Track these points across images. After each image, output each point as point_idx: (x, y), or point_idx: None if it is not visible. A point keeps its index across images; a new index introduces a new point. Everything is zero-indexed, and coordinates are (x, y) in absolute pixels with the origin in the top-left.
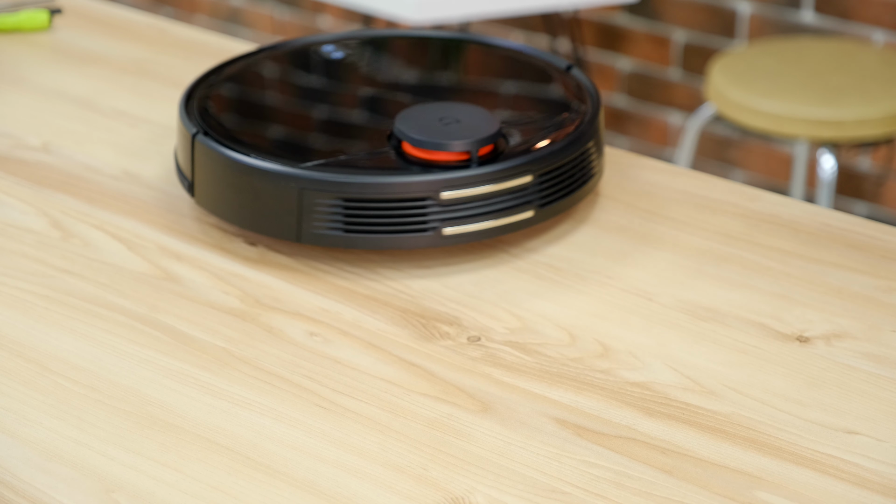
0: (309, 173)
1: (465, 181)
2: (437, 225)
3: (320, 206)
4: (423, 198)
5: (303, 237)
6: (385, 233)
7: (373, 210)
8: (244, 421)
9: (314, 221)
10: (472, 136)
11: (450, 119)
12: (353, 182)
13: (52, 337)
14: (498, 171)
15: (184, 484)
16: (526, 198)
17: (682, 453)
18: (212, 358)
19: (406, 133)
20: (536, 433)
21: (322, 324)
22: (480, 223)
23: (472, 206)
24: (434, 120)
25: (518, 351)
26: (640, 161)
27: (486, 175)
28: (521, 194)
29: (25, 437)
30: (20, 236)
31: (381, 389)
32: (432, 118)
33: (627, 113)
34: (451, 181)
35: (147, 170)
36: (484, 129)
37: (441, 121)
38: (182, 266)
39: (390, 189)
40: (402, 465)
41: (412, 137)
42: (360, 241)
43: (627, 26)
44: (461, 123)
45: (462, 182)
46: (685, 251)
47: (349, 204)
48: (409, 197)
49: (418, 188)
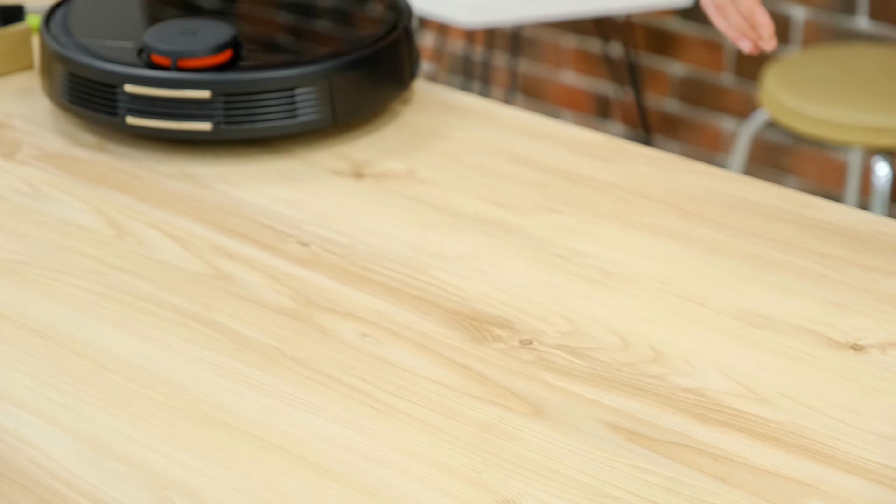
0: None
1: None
2: (123, 113)
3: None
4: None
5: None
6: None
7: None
8: (296, 420)
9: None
10: (189, 46)
11: (189, 31)
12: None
13: (107, 334)
14: (174, 79)
15: (236, 482)
16: (206, 111)
17: (735, 460)
18: (264, 357)
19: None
20: (588, 438)
21: (374, 325)
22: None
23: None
24: (177, 32)
25: (570, 355)
26: (693, 166)
27: (163, 79)
28: (198, 106)
29: (80, 433)
30: (75, 234)
31: (432, 391)
32: (177, 30)
33: (679, 118)
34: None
35: (201, 169)
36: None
37: (182, 33)
38: (235, 265)
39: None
40: (454, 468)
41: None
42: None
43: (680, 31)
44: (195, 36)
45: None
46: (738, 257)
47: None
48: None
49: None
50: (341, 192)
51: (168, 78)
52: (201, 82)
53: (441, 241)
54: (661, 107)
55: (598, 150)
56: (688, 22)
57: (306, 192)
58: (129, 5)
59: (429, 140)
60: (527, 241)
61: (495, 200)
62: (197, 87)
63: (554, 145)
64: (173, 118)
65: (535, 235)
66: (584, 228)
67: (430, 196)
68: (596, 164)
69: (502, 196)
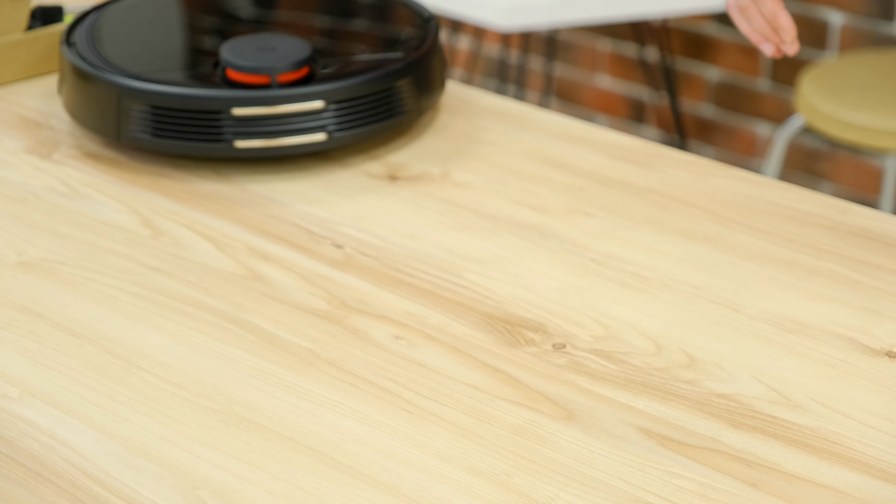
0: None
1: (258, 100)
2: (230, 137)
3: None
4: (218, 111)
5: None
6: (185, 139)
7: (177, 118)
8: (329, 422)
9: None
10: (282, 62)
11: (267, 47)
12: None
13: (141, 334)
14: (292, 95)
15: (268, 483)
16: (319, 122)
17: (768, 466)
18: (297, 359)
19: (228, 60)
20: (620, 442)
21: (407, 327)
22: (272, 139)
23: (264, 124)
24: (254, 48)
25: (603, 359)
26: (728, 171)
27: (280, 97)
28: (314, 118)
29: (113, 433)
30: (111, 233)
31: (465, 394)
32: (253, 47)
33: (714, 123)
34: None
35: (236, 171)
36: (293, 56)
37: (259, 49)
38: (269, 266)
39: (192, 101)
40: (486, 471)
41: (231, 63)
42: (174, 146)
43: (716, 35)
44: (276, 51)
45: (254, 101)
46: (773, 263)
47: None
48: (206, 109)
49: (215, 103)
50: (376, 194)
51: (278, 95)
52: (313, 94)
53: (475, 244)
54: (696, 111)
55: (633, 154)
56: (724, 27)
57: (341, 194)
58: (152, 26)
59: (464, 143)
60: (561, 245)
61: (530, 204)
62: (309, 99)
63: (589, 149)
64: (285, 134)
65: (570, 239)
66: (618, 233)
67: (465, 199)
68: (631, 168)
69: (537, 200)
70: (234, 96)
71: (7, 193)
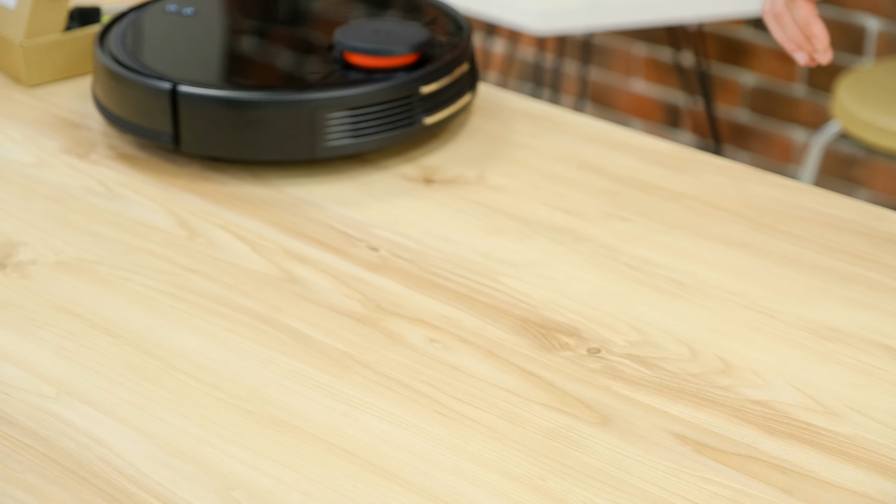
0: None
1: (437, 75)
2: (420, 116)
3: (332, 121)
4: (408, 95)
5: (318, 152)
6: (381, 132)
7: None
8: (363, 425)
9: (327, 136)
10: (410, 42)
11: (384, 31)
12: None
13: (177, 334)
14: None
15: (302, 485)
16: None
17: (803, 474)
18: (332, 361)
19: (350, 44)
20: (655, 448)
21: (442, 330)
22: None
23: (448, 94)
24: (371, 32)
25: (638, 364)
26: (764, 177)
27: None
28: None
29: (149, 433)
30: (148, 234)
31: (499, 398)
32: (369, 31)
33: (750, 128)
34: (430, 77)
35: (272, 172)
36: (417, 37)
37: (377, 32)
38: (305, 268)
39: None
40: (520, 475)
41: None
42: (371, 143)
43: (752, 40)
44: (394, 34)
45: (436, 76)
46: (809, 269)
47: (356, 113)
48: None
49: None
50: (411, 197)
51: (443, 65)
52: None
53: (510, 247)
54: (731, 117)
55: (668, 159)
56: (760, 32)
57: (377, 196)
58: (191, 33)
59: (499, 147)
60: (596, 250)
61: (565, 208)
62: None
63: (625, 154)
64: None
65: (605, 244)
66: (653, 238)
67: (500, 203)
68: (667, 173)
69: (572, 204)
70: (422, 74)
71: (45, 193)
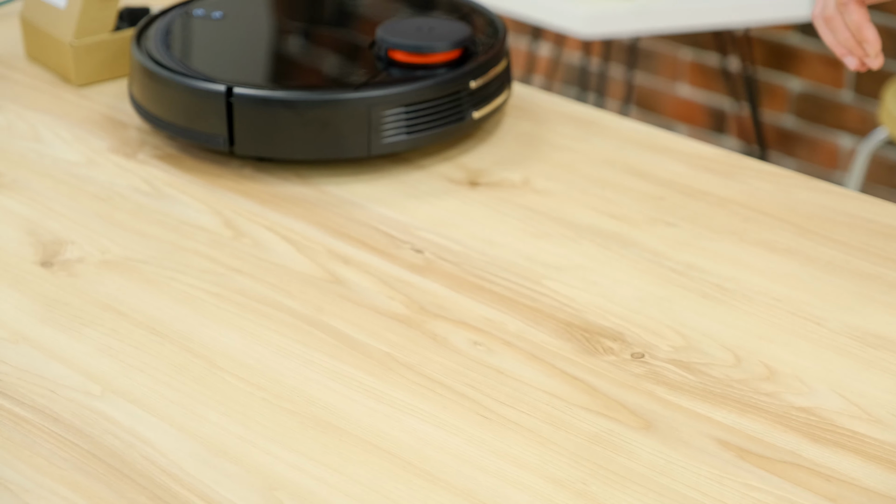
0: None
1: (482, 71)
2: (470, 111)
3: (387, 118)
4: (458, 91)
5: (373, 149)
6: (434, 127)
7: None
8: (406, 426)
9: (383, 133)
10: (451, 39)
11: (425, 27)
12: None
13: (221, 334)
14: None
15: (345, 485)
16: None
17: (847, 482)
18: (376, 362)
19: (393, 41)
20: (698, 453)
21: (486, 333)
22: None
23: (492, 88)
24: (413, 29)
25: (682, 370)
26: (811, 183)
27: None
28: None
29: (193, 432)
30: (194, 234)
31: (542, 402)
32: (411, 28)
33: (796, 134)
34: (476, 73)
35: (317, 174)
36: (459, 34)
37: (419, 29)
38: (349, 270)
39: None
40: (562, 479)
41: (403, 44)
42: (424, 139)
43: (799, 46)
44: (436, 31)
45: (482, 71)
46: (855, 276)
47: (410, 109)
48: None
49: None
50: (456, 200)
51: (487, 61)
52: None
53: (555, 251)
54: (777, 122)
55: (715, 164)
56: (807, 37)
57: (421, 199)
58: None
59: (544, 150)
60: (641, 254)
61: (610, 212)
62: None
63: (671, 158)
64: (499, 94)
65: (650, 248)
66: (699, 243)
67: (545, 206)
68: (713, 178)
69: (617, 208)
70: (470, 70)
71: (92, 192)
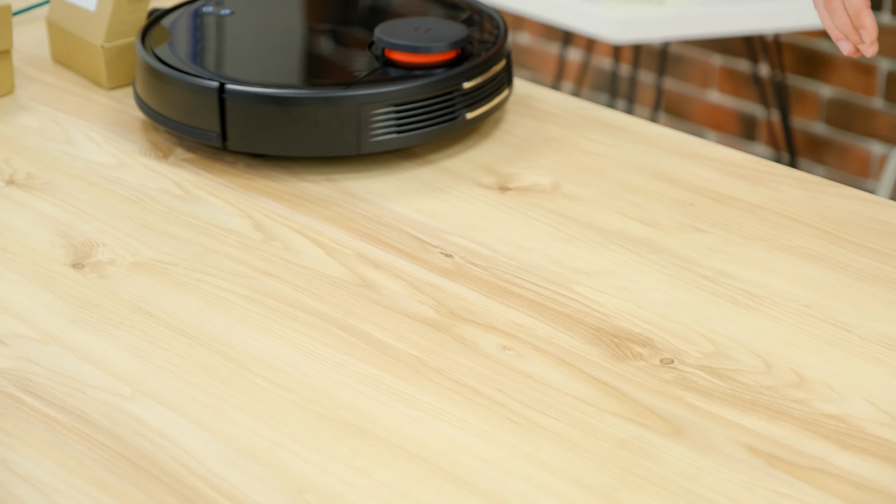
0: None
1: (477, 72)
2: (462, 111)
3: (376, 117)
4: (450, 91)
5: (363, 147)
6: (425, 127)
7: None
8: (434, 430)
9: (372, 131)
10: (449, 40)
11: (423, 28)
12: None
13: (251, 337)
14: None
15: (374, 489)
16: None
17: (877, 489)
18: (405, 366)
19: (390, 41)
20: (727, 460)
21: (515, 338)
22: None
23: (487, 89)
24: (411, 29)
25: (711, 376)
26: (841, 190)
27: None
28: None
29: (222, 434)
30: (224, 237)
31: (571, 407)
32: (409, 28)
33: (826, 140)
34: (470, 73)
35: (346, 177)
36: (456, 34)
37: (417, 30)
38: (379, 273)
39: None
40: (591, 484)
41: (399, 44)
42: (414, 138)
43: (830, 52)
44: (434, 31)
45: (476, 72)
46: (886, 283)
47: (400, 108)
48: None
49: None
50: (486, 204)
51: (483, 62)
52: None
53: (584, 256)
54: (807, 129)
55: (745, 170)
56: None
57: (451, 203)
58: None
59: (575, 155)
60: (671, 260)
61: (640, 218)
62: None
63: (701, 164)
64: (495, 96)
65: (680, 254)
66: (729, 249)
67: (575, 211)
68: (743, 184)
69: (647, 214)
70: (463, 70)
71: (123, 194)
